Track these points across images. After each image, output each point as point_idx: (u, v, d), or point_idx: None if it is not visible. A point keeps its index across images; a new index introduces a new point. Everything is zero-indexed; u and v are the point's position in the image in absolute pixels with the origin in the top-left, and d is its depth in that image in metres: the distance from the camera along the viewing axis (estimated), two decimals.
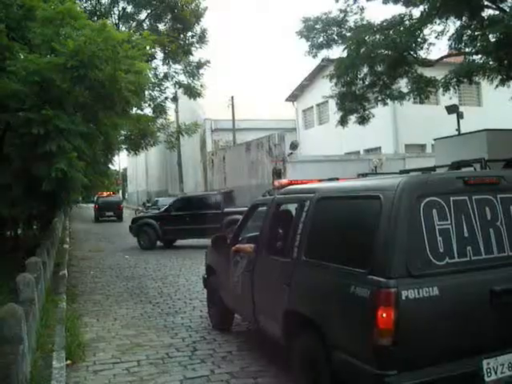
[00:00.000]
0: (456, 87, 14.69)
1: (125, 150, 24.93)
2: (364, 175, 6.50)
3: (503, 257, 4.02)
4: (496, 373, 3.77)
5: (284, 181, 7.02)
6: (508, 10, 12.52)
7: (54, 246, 13.56)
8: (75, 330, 7.27)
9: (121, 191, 64.86)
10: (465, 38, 13.38)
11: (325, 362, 4.20)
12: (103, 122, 10.50)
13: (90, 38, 8.81)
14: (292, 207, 5.52)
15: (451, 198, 3.93)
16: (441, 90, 14.92)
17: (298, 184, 6.25)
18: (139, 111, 21.51)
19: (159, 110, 23.03)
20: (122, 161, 67.84)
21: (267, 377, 5.52)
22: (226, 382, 5.40)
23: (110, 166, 20.60)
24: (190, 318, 8.17)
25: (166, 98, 24.14)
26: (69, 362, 5.93)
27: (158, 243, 18.72)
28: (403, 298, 3.55)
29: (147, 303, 9.39)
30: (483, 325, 3.81)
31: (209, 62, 24.19)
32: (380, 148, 26.19)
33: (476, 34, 12.94)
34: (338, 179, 5.77)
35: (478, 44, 13.04)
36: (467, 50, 14.15)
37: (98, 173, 11.86)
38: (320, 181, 5.91)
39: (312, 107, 33.23)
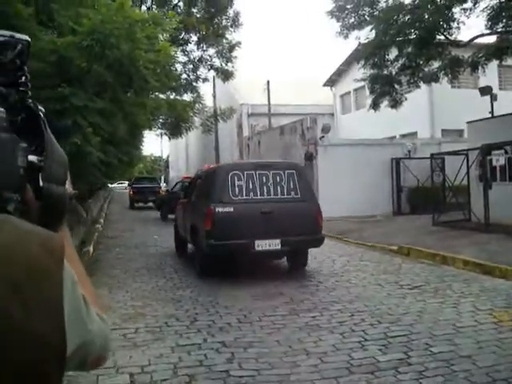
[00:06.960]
0: (496, 68, 14.19)
1: (166, 137, 25.36)
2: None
3: (269, 198, 9.16)
4: (261, 247, 8.75)
5: (206, 165, 13.00)
6: None
7: (81, 224, 13.94)
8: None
9: (163, 177, 66.28)
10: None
11: (201, 244, 9.41)
12: (124, 100, 10.66)
13: (106, 17, 8.94)
14: (200, 178, 11.44)
15: (245, 172, 9.16)
16: (480, 71, 14.47)
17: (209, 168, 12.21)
18: (174, 96, 21.90)
19: (190, 89, 23.27)
20: (165, 148, 69.74)
21: (259, 347, 5.52)
22: (216, 351, 5.43)
23: (142, 147, 20.99)
24: (199, 292, 8.28)
25: (198, 78, 24.34)
26: None
27: None
28: (217, 211, 8.79)
29: (161, 278, 9.60)
30: (257, 225, 8.78)
31: (240, 43, 24.24)
32: (416, 133, 25.62)
33: None
34: (209, 165, 11.86)
35: None
36: (500, 29, 13.64)
37: (121, 151, 12.07)
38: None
39: (349, 92, 32.75)
